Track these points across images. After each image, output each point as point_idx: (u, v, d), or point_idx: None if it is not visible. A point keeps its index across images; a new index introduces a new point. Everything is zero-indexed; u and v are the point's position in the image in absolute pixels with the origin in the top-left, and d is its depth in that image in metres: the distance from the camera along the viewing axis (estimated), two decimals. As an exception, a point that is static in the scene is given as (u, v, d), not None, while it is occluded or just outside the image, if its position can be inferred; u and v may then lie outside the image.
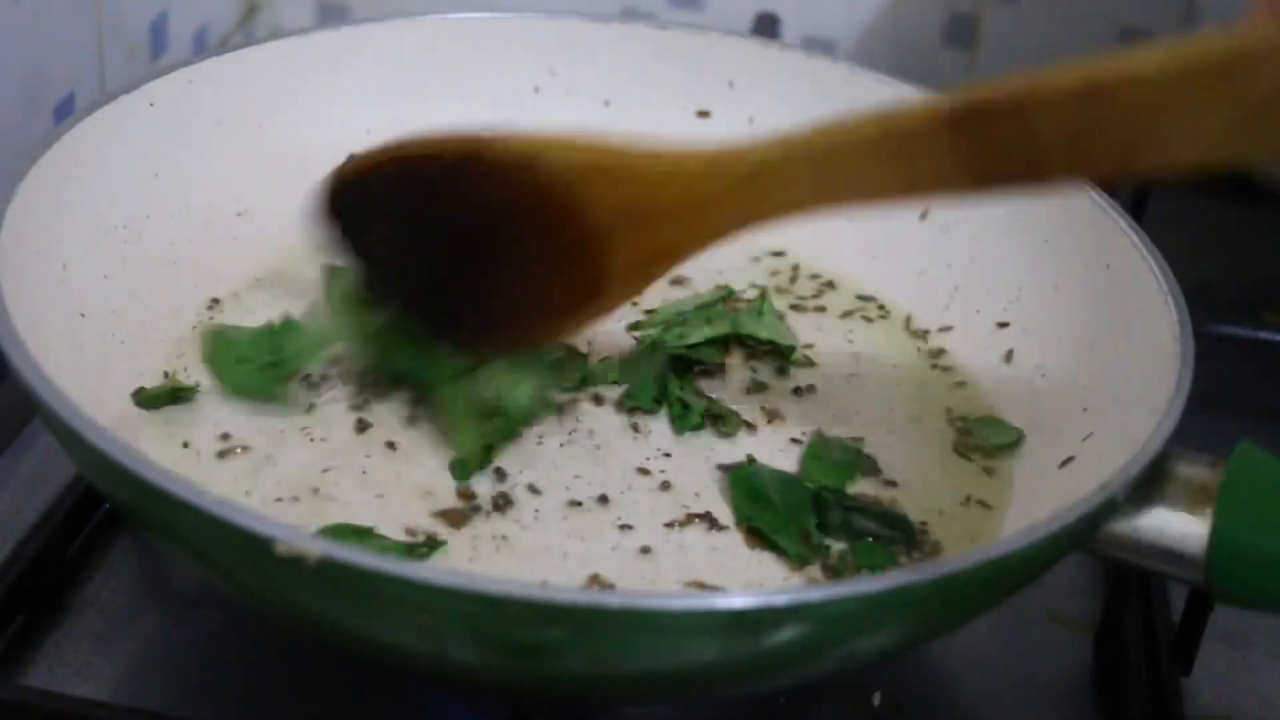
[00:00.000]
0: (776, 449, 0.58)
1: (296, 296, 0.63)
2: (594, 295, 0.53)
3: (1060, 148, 0.45)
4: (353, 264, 0.57)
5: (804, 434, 0.59)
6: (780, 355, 0.63)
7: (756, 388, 0.61)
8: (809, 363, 0.63)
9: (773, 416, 0.60)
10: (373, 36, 0.69)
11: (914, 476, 0.58)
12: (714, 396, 0.60)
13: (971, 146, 0.46)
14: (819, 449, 0.58)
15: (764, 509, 0.54)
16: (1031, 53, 0.95)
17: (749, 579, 0.52)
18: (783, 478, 0.56)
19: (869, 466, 0.57)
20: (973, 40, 0.95)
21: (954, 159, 0.46)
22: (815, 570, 0.53)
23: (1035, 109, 0.45)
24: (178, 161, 0.63)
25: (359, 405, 0.58)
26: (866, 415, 0.60)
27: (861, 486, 0.57)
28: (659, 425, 0.59)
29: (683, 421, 0.58)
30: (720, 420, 0.59)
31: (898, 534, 0.54)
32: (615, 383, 0.60)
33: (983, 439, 0.59)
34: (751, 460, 0.57)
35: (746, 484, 0.55)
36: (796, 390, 0.61)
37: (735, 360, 0.63)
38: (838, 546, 0.54)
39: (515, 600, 0.41)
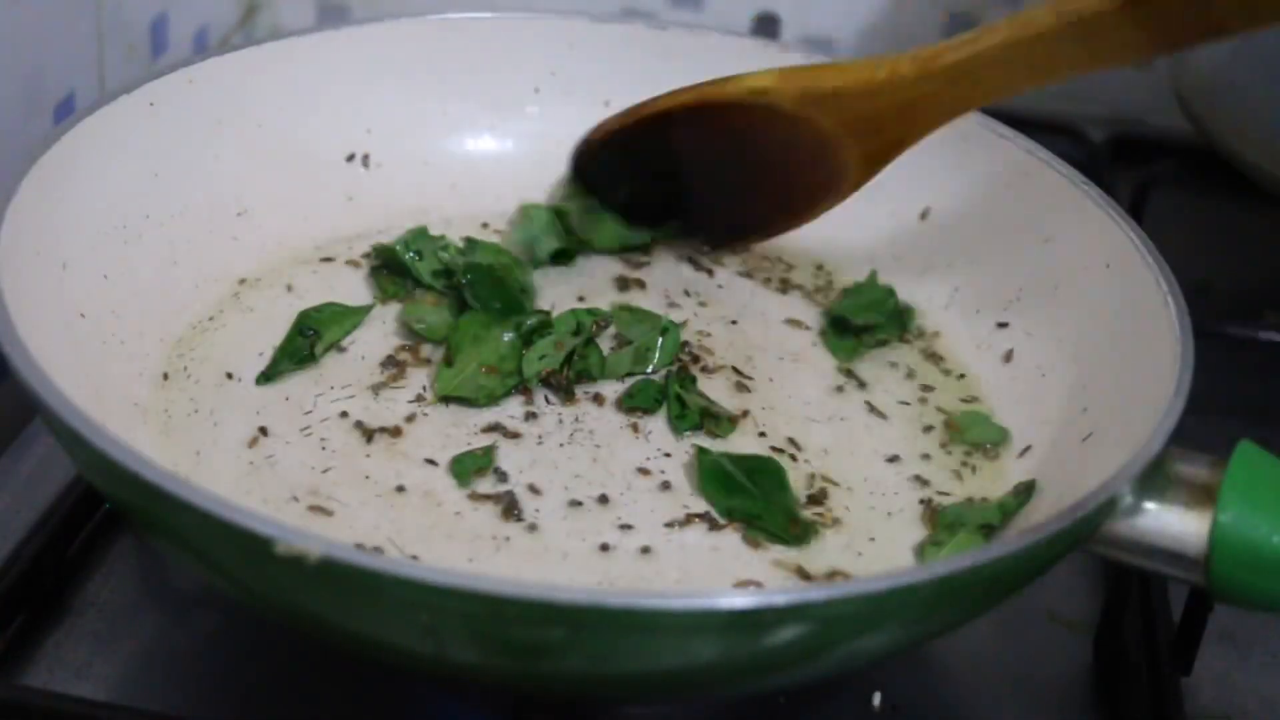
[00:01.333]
0: (776, 449, 0.58)
1: (297, 296, 0.63)
2: (831, 189, 0.62)
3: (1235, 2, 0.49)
4: (607, 209, 0.66)
5: (802, 434, 0.59)
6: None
7: (754, 388, 0.61)
8: (809, 363, 0.63)
9: (770, 416, 0.60)
10: (373, 36, 0.69)
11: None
12: (712, 397, 0.60)
13: (1151, 19, 0.50)
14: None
15: (741, 497, 0.55)
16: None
17: (749, 579, 0.52)
18: (749, 460, 0.56)
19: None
20: (973, 40, 0.95)
21: (1134, 33, 0.51)
22: (812, 558, 0.53)
23: None
24: (178, 161, 0.63)
25: (359, 406, 0.58)
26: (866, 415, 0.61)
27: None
28: (659, 425, 0.59)
29: (681, 421, 0.58)
30: (716, 420, 0.58)
31: None
32: (625, 375, 0.60)
33: (972, 438, 0.59)
34: (704, 451, 0.57)
35: (716, 475, 0.55)
36: (796, 390, 0.62)
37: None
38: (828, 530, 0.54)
39: (515, 600, 0.41)
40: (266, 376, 0.59)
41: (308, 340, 0.60)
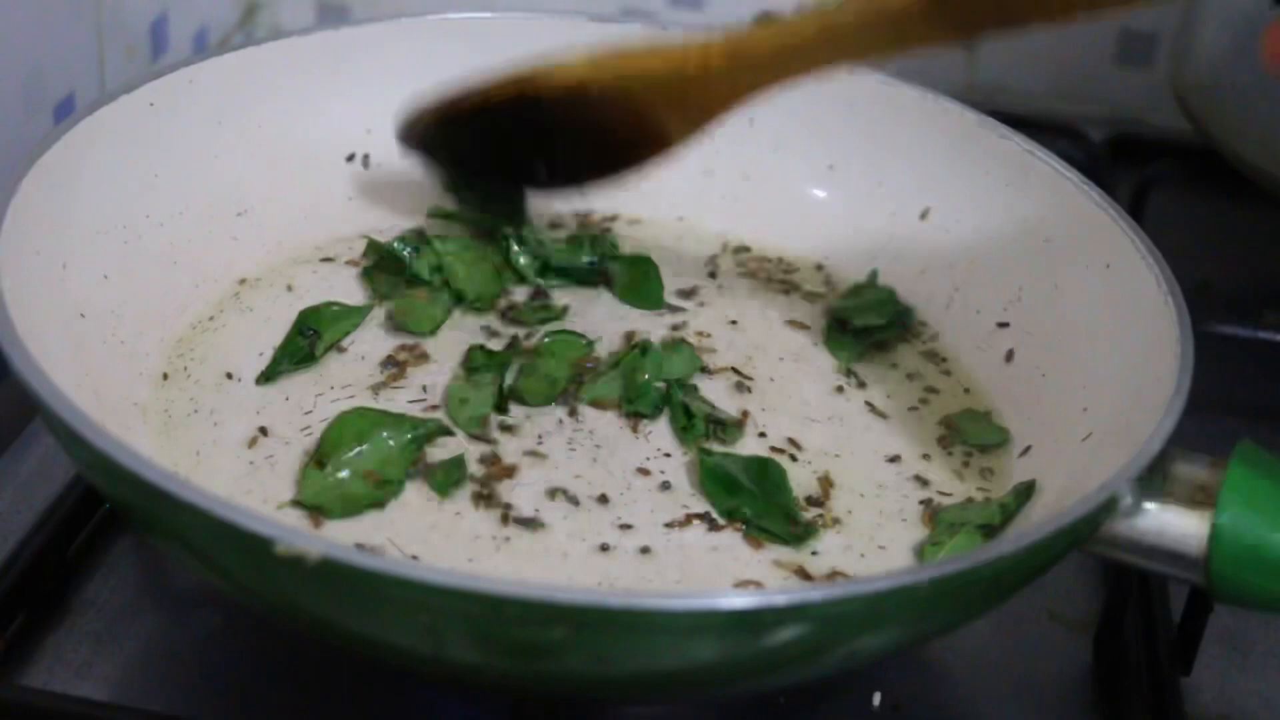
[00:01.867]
0: (776, 449, 0.58)
1: (296, 296, 0.63)
2: (660, 146, 0.64)
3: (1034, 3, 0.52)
4: (443, 174, 0.68)
5: (802, 435, 0.59)
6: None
7: (754, 388, 0.61)
8: (809, 363, 0.63)
9: (770, 417, 0.60)
10: (373, 36, 0.69)
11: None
12: (713, 399, 0.60)
13: (951, 15, 0.53)
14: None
15: (742, 497, 0.54)
16: (1031, 53, 0.95)
17: (749, 579, 0.52)
18: (753, 461, 0.56)
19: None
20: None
21: (935, 25, 0.54)
22: (812, 558, 0.53)
23: None
24: (178, 161, 0.63)
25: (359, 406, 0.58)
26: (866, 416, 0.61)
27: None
28: (659, 426, 0.59)
29: (688, 433, 0.58)
30: (723, 427, 0.58)
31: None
32: (618, 394, 0.60)
33: (972, 438, 0.59)
34: (706, 451, 0.57)
35: (717, 475, 0.55)
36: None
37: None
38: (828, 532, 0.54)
39: (515, 600, 0.41)
40: (266, 376, 0.59)
41: (308, 340, 0.60)
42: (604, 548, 0.53)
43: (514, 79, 0.63)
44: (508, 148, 0.66)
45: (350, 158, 0.69)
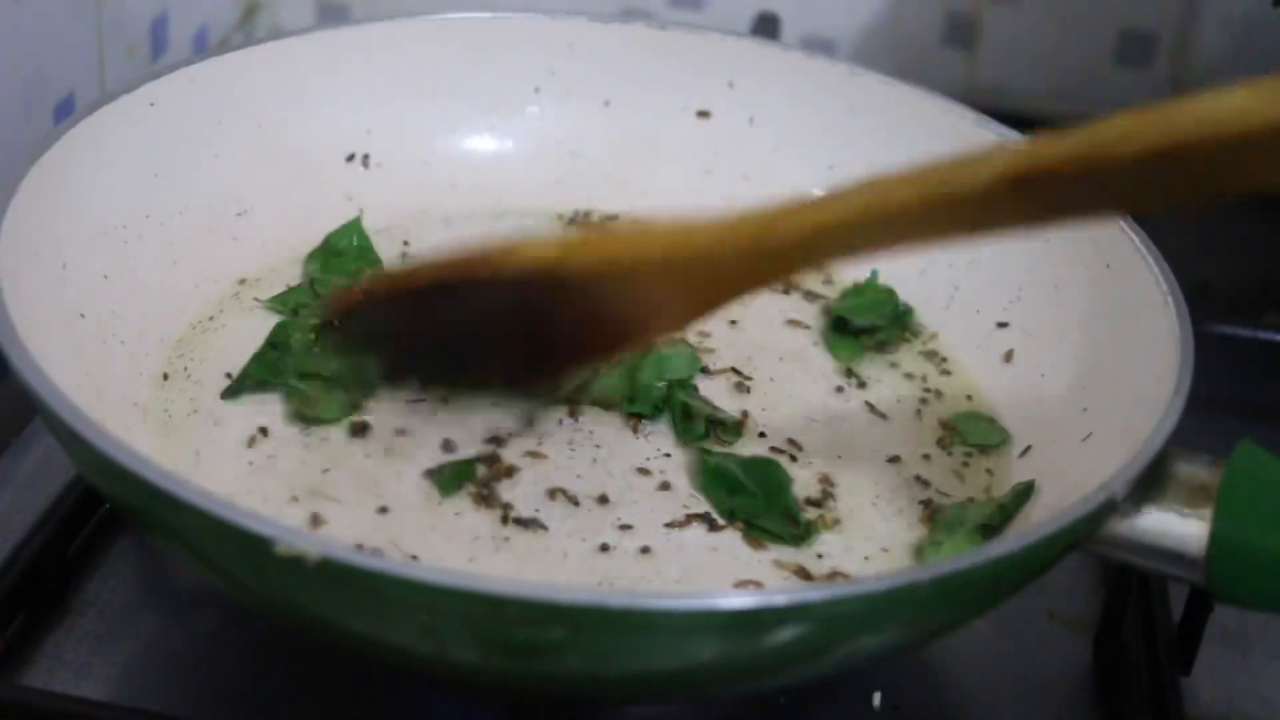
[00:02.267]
0: (776, 449, 0.58)
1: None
2: (638, 338, 0.53)
3: (1128, 195, 0.44)
4: (381, 368, 0.57)
5: (802, 435, 0.59)
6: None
7: (754, 388, 0.61)
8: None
9: (770, 417, 0.60)
10: (373, 36, 0.69)
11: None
12: (713, 399, 0.60)
13: (1030, 204, 0.44)
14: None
15: (742, 497, 0.54)
16: (1031, 53, 0.95)
17: (749, 579, 0.52)
18: (753, 462, 0.56)
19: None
20: (972, 40, 0.95)
21: (1010, 214, 0.45)
22: (812, 558, 0.53)
23: (1104, 172, 0.42)
24: (178, 161, 0.63)
25: (357, 407, 0.58)
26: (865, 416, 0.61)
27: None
28: (659, 426, 0.59)
29: (688, 433, 0.58)
30: (722, 426, 0.58)
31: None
32: (618, 394, 0.60)
33: (972, 438, 0.59)
34: (708, 451, 0.57)
35: (717, 475, 0.55)
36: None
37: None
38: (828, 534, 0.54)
39: (515, 600, 0.41)
40: (232, 392, 0.58)
41: (279, 354, 0.59)
42: (604, 548, 0.53)
43: (470, 259, 0.51)
44: (453, 340, 0.53)
45: (350, 158, 0.69)
